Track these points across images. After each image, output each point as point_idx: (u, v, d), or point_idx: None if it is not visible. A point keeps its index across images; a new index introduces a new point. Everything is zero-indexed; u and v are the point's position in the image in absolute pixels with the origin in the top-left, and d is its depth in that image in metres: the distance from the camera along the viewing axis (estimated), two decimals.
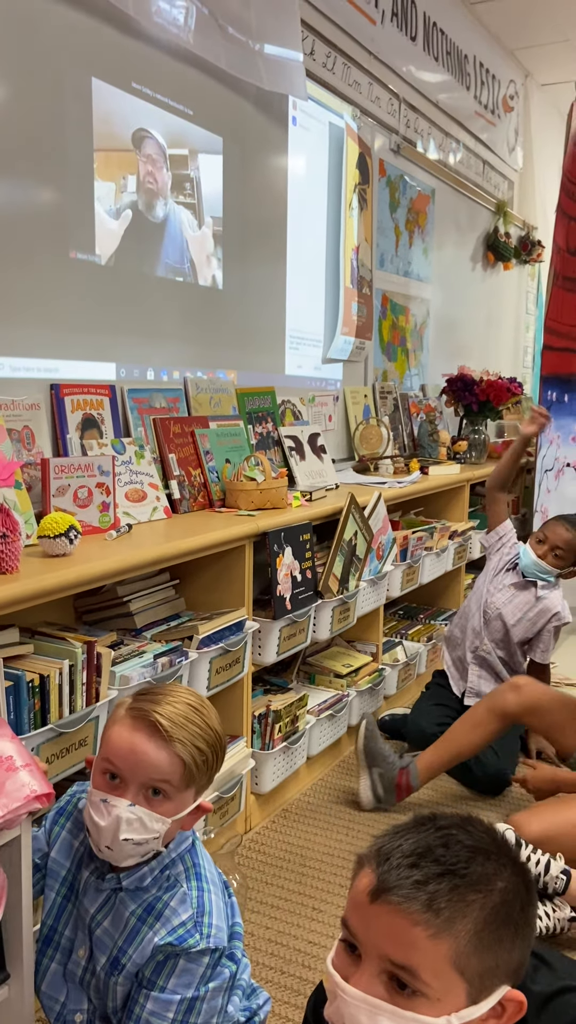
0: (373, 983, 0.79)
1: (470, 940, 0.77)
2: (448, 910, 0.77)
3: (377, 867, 0.81)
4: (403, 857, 0.80)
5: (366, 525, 2.54)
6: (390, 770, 2.25)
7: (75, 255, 2.01)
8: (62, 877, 1.24)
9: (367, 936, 0.80)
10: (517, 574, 2.67)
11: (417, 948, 0.77)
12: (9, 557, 1.47)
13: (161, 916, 1.16)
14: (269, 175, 2.79)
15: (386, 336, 3.72)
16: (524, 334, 5.70)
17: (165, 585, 2.02)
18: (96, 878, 1.21)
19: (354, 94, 3.25)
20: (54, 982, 1.23)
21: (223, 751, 1.22)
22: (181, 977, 1.14)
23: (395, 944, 0.77)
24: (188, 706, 1.18)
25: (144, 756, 1.13)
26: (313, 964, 1.69)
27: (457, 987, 0.77)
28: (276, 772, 2.22)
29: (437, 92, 4.00)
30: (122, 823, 1.12)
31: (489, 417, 3.98)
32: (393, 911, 0.78)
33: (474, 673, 2.64)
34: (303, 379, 3.09)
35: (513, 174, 5.22)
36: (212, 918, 1.16)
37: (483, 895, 0.79)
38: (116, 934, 1.18)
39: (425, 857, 0.80)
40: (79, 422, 2.01)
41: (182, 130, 2.35)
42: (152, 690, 1.21)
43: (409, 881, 0.78)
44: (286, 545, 2.15)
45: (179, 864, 1.20)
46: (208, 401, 2.49)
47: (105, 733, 1.18)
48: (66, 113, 1.96)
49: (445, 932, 0.77)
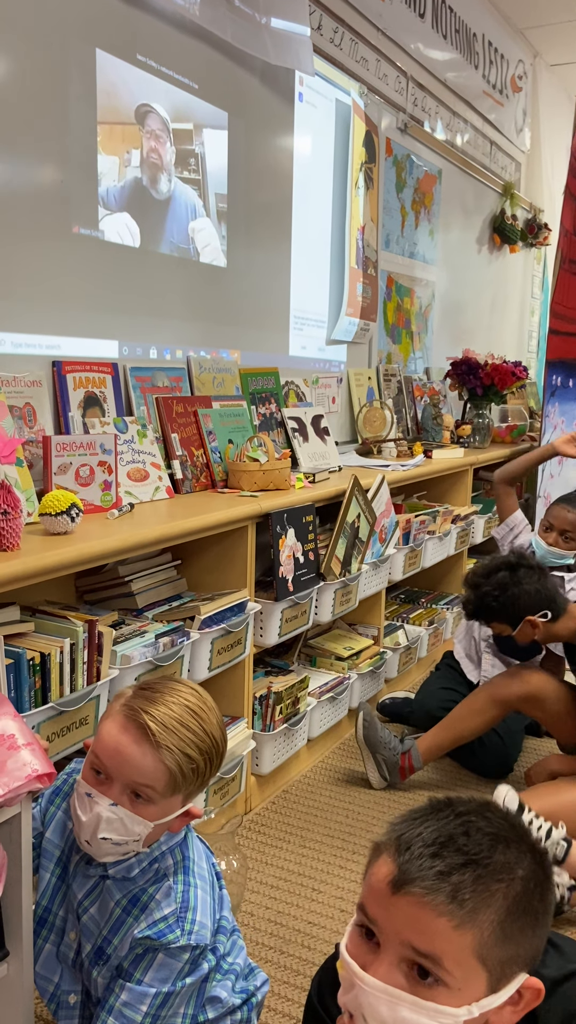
0: (393, 972, 0.77)
1: (494, 931, 0.77)
2: (472, 901, 0.76)
3: (397, 856, 0.79)
4: (424, 847, 0.78)
5: (369, 508, 2.52)
6: (392, 755, 2.28)
7: (78, 230, 1.99)
8: (56, 857, 1.23)
9: (388, 925, 0.78)
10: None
11: (441, 938, 0.76)
12: (10, 534, 1.46)
13: (145, 908, 1.14)
14: (274, 151, 2.75)
15: (391, 318, 3.69)
16: (529, 318, 5.65)
17: (167, 565, 2.01)
18: (85, 863, 1.20)
19: (361, 71, 3.20)
20: (48, 963, 1.22)
21: (220, 757, 1.18)
22: (159, 971, 1.12)
23: (418, 933, 0.76)
24: (185, 709, 1.13)
25: (129, 759, 1.10)
26: (313, 944, 1.69)
27: (478, 976, 0.77)
28: (277, 753, 2.22)
29: (445, 70, 3.95)
30: (102, 822, 1.11)
31: (493, 401, 3.95)
32: (416, 902, 0.76)
33: (488, 663, 2.62)
34: (307, 360, 3.07)
35: (521, 155, 5.16)
36: (196, 914, 1.14)
37: (505, 884, 0.78)
38: (101, 922, 1.17)
39: (447, 847, 0.78)
40: (81, 400, 1.99)
41: (187, 104, 2.31)
42: (153, 686, 1.17)
43: (432, 872, 0.77)
44: (289, 527, 2.14)
45: (169, 857, 1.18)
46: (211, 381, 2.47)
47: (99, 725, 1.16)
48: (69, 85, 1.92)
49: (469, 923, 0.76)
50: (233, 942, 1.26)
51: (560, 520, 2.58)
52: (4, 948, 1.20)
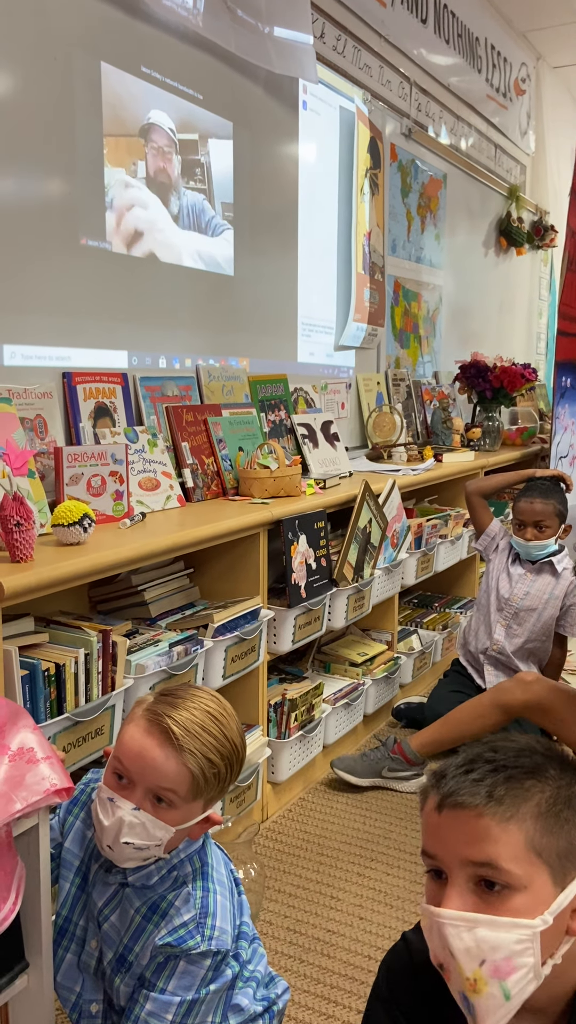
0: (464, 896, 0.80)
1: (537, 820, 0.81)
2: (509, 796, 0.81)
3: (437, 785, 0.85)
4: (456, 768, 0.85)
5: (380, 512, 2.52)
6: (391, 763, 2.31)
7: (85, 242, 2.00)
8: (75, 867, 1.23)
9: (443, 849, 0.82)
10: (526, 563, 2.64)
11: (491, 838, 0.80)
12: (23, 546, 1.46)
13: (165, 915, 1.14)
14: (280, 160, 2.76)
15: (398, 323, 3.69)
16: (537, 320, 5.64)
17: (180, 574, 2.01)
18: (104, 871, 1.19)
19: (365, 77, 3.21)
20: (70, 972, 1.22)
21: (240, 763, 1.18)
22: (181, 979, 1.12)
23: (470, 843, 0.80)
24: (207, 714, 1.14)
25: (152, 762, 1.10)
26: (332, 953, 1.68)
27: (540, 870, 0.80)
28: (292, 761, 2.21)
29: (448, 75, 3.95)
30: (124, 826, 1.11)
31: (503, 404, 3.94)
32: (459, 813, 0.82)
33: (490, 673, 2.61)
34: (315, 366, 3.07)
35: (525, 158, 5.16)
36: (216, 920, 1.14)
37: (538, 780, 0.83)
38: (122, 930, 1.17)
39: (476, 762, 0.85)
40: (92, 410, 1.99)
41: (191, 115, 2.32)
42: (173, 692, 1.18)
43: (467, 781, 0.83)
44: (300, 533, 2.14)
45: (187, 865, 1.18)
46: (220, 389, 2.48)
47: (121, 730, 1.16)
48: (75, 98, 1.93)
49: (512, 816, 0.80)
50: (254, 949, 1.26)
51: (529, 513, 2.58)
52: (24, 960, 1.20)
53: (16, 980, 1.18)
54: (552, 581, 2.61)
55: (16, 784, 1.09)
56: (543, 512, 2.56)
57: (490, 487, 2.80)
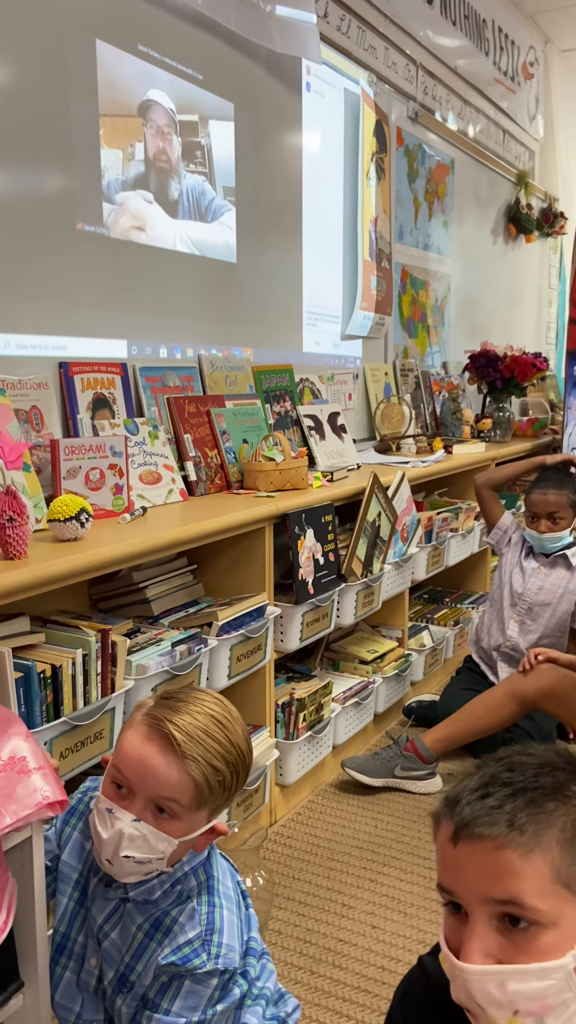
0: (487, 936, 0.73)
1: (563, 848, 0.74)
2: (531, 823, 0.74)
3: (451, 813, 0.78)
4: (471, 792, 0.78)
5: (390, 505, 2.44)
6: (403, 761, 2.24)
7: (82, 227, 1.93)
8: (74, 881, 1.17)
9: (462, 884, 0.75)
10: (540, 556, 2.57)
11: (513, 873, 0.73)
12: (17, 542, 1.40)
13: (169, 932, 1.08)
14: (283, 142, 2.68)
15: (406, 312, 3.61)
16: (547, 309, 5.54)
17: (183, 571, 1.94)
18: (104, 885, 1.13)
19: (370, 59, 3.13)
20: (68, 991, 1.16)
21: (247, 770, 1.12)
22: (187, 999, 1.06)
23: (490, 879, 0.73)
24: (210, 718, 1.07)
25: (152, 771, 1.04)
26: (344, 963, 1.61)
27: (568, 903, 0.73)
28: (301, 763, 2.14)
29: (455, 58, 3.86)
30: (124, 838, 1.04)
31: (514, 394, 3.85)
32: (477, 845, 0.74)
33: (504, 670, 2.55)
34: (322, 356, 2.99)
35: (534, 144, 5.06)
36: (223, 936, 1.08)
37: (562, 802, 0.76)
38: (124, 948, 1.11)
39: (492, 784, 0.77)
40: (90, 402, 1.93)
41: (191, 95, 2.25)
42: (175, 695, 1.11)
43: (484, 809, 0.75)
44: (307, 527, 2.07)
45: (192, 878, 1.11)
46: (224, 379, 2.40)
47: (119, 737, 1.10)
48: (69, 77, 1.86)
49: (535, 846, 0.73)
50: (263, 965, 1.19)
51: (542, 505, 2.51)
52: (19, 979, 1.14)
53: (10, 1000, 1.12)
54: (567, 575, 2.54)
55: (6, 797, 1.03)
56: (557, 503, 2.50)
57: (500, 478, 2.73)
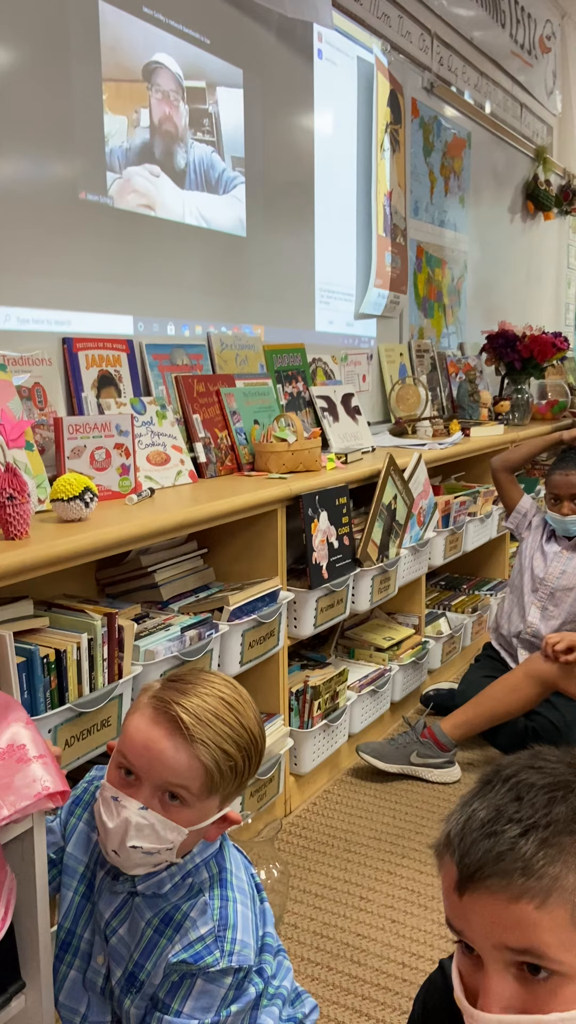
0: (504, 984, 0.66)
1: None
2: (547, 867, 0.65)
3: (454, 854, 0.70)
4: (476, 832, 0.68)
5: (406, 488, 2.37)
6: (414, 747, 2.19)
7: (84, 195, 1.85)
8: (79, 874, 1.11)
9: (473, 932, 0.68)
10: (562, 539, 2.49)
11: (530, 925, 0.65)
12: (17, 521, 1.33)
13: (180, 928, 1.02)
14: (294, 111, 2.60)
15: (421, 291, 3.52)
16: (566, 290, 5.42)
17: (193, 554, 1.88)
18: (111, 878, 1.07)
19: (383, 27, 3.03)
20: (73, 991, 1.10)
21: (259, 755, 1.05)
22: (199, 1000, 1.00)
23: (505, 930, 0.66)
24: (220, 700, 1.01)
25: (160, 755, 0.98)
26: (363, 959, 1.55)
27: None
28: (316, 752, 2.08)
29: (471, 29, 3.75)
30: (131, 828, 0.98)
31: (532, 375, 3.76)
32: (487, 896, 0.66)
33: (524, 659, 2.47)
34: (335, 336, 2.91)
35: (552, 119, 4.94)
36: (236, 932, 1.02)
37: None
38: (132, 945, 1.05)
39: (498, 822, 0.68)
40: (95, 379, 1.86)
41: (198, 60, 2.16)
42: (183, 677, 1.05)
43: (492, 856, 0.66)
44: (321, 509, 2.00)
45: (203, 871, 1.05)
46: (234, 358, 2.33)
47: (125, 721, 1.04)
48: (71, 40, 1.79)
49: (554, 893, 0.65)
50: (279, 963, 1.13)
51: (565, 486, 2.42)
52: (20, 979, 1.08)
53: (12, 1001, 1.06)
54: None
55: (5, 787, 0.97)
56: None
57: (517, 459, 2.65)
